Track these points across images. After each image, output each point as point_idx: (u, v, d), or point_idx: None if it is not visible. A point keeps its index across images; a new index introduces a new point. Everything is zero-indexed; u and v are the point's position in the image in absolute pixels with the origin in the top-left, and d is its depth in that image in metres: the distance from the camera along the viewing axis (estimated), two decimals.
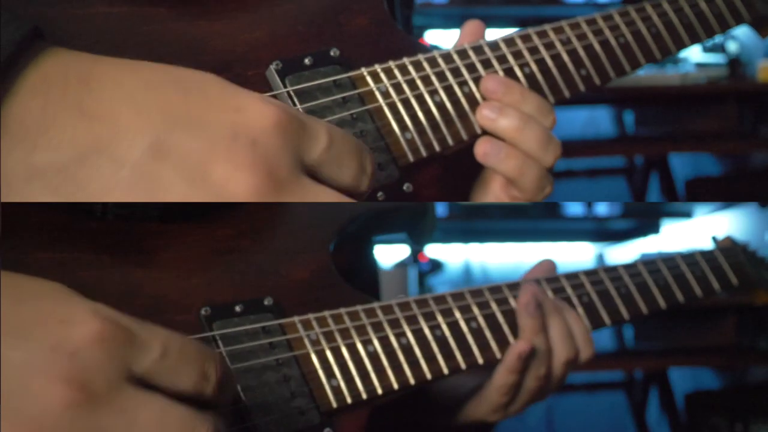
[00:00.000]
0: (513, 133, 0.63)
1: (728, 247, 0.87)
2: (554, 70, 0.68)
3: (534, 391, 0.70)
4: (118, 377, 0.42)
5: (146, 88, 0.45)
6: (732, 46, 2.58)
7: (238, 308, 0.59)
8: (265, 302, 0.60)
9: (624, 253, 2.99)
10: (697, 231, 2.70)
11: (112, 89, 0.45)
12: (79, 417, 0.40)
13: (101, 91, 0.45)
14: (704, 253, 0.84)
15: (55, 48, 0.46)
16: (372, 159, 0.51)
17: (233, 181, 0.44)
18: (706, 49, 2.59)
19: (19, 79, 0.44)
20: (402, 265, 2.41)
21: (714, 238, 0.89)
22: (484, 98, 0.64)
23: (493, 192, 0.67)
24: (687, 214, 2.75)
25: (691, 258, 0.83)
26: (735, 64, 2.55)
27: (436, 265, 2.77)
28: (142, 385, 0.42)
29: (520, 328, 0.69)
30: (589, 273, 0.76)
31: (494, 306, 0.69)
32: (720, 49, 2.59)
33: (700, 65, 2.57)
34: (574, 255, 3.08)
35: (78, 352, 0.41)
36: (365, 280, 0.77)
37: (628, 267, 0.79)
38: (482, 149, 0.63)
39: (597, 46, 0.70)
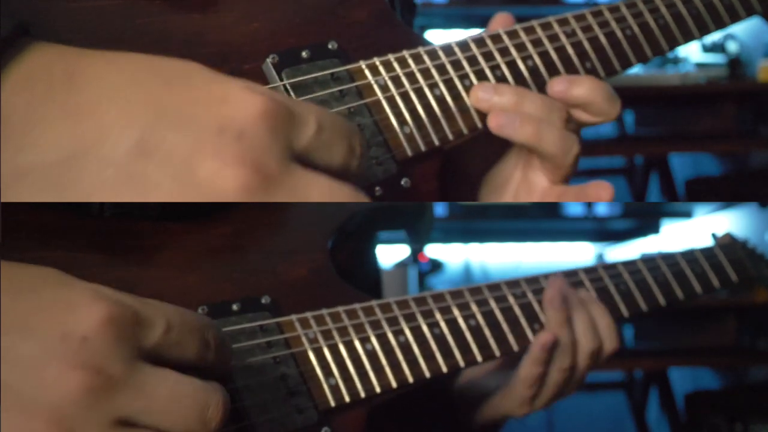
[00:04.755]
0: (511, 108, 0.62)
1: (728, 244, 0.87)
2: (558, 63, 0.66)
3: (559, 383, 0.71)
4: (130, 357, 0.42)
5: (130, 82, 0.44)
6: (732, 46, 2.58)
7: (235, 307, 0.59)
8: (263, 301, 0.60)
9: (624, 253, 2.99)
10: (697, 231, 2.70)
11: (97, 85, 0.44)
12: (98, 401, 0.41)
13: (85, 88, 0.44)
14: (704, 250, 0.84)
15: (40, 43, 0.45)
16: (362, 139, 0.49)
17: (221, 178, 0.42)
18: (706, 49, 2.59)
19: (4, 76, 0.43)
20: (402, 265, 2.40)
21: (714, 235, 0.89)
22: None
23: (524, 175, 0.65)
24: (687, 214, 2.76)
25: (690, 255, 0.83)
26: (735, 64, 2.55)
27: (436, 265, 2.77)
28: (151, 362, 0.43)
29: (546, 321, 0.70)
30: (588, 270, 0.76)
31: (493, 304, 0.69)
32: (720, 49, 2.59)
33: (700, 65, 2.57)
34: (574, 255, 3.08)
35: (88, 337, 0.41)
36: (366, 279, 0.76)
37: (628, 264, 0.78)
38: (495, 121, 0.61)
39: (602, 39, 0.68)
